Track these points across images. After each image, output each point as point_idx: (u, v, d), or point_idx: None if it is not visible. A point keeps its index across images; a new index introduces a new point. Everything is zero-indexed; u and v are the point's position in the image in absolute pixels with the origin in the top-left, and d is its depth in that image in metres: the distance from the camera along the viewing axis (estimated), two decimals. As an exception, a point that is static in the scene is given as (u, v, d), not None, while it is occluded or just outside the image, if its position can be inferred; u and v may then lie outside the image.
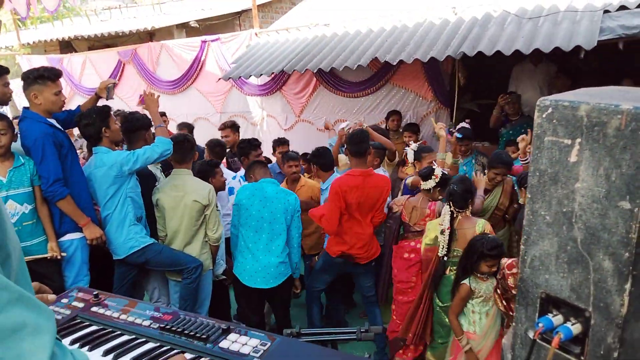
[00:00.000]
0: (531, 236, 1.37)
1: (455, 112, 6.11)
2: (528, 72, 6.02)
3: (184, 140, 3.78)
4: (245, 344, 1.38)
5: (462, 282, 3.19)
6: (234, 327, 1.45)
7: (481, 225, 3.36)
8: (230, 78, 6.69)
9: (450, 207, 3.41)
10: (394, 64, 5.39)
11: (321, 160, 4.39)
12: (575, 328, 1.28)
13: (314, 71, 5.93)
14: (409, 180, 4.47)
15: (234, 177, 4.70)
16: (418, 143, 5.06)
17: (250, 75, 6.40)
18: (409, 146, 5.10)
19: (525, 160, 4.15)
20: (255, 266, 3.72)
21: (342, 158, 5.04)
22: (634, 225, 1.13)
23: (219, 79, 7.03)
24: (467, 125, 5.25)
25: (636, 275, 1.16)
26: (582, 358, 1.28)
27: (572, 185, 1.24)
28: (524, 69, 6.04)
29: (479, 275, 3.16)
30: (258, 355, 1.33)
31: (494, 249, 3.02)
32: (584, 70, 6.32)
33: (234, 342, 1.38)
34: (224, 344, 1.39)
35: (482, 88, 6.61)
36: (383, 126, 5.99)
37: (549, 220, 1.31)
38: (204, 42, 7.76)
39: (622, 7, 4.88)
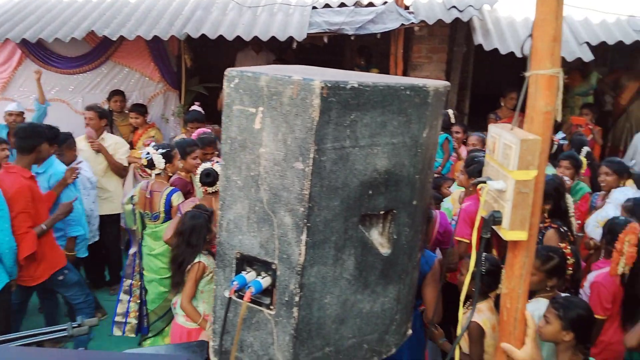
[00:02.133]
0: (226, 201, 1.44)
1: (184, 94, 6.10)
2: (251, 59, 6.37)
3: None
4: None
5: (195, 261, 3.02)
6: None
7: None
8: None
9: None
10: (114, 39, 5.05)
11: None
12: (265, 281, 1.41)
13: (17, 42, 5.14)
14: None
15: None
16: (156, 145, 3.92)
17: None
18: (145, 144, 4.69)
19: None
20: None
21: None
22: (306, 183, 1.30)
23: None
24: (198, 108, 5.31)
25: (310, 226, 1.34)
26: (272, 307, 1.42)
27: (257, 150, 1.35)
28: (247, 56, 6.37)
29: (207, 252, 3.09)
30: None
31: (206, 212, 3.11)
32: (299, 62, 7.01)
33: None
34: None
35: (209, 71, 6.72)
36: (105, 107, 5.57)
37: (240, 184, 1.40)
38: None
39: (327, 5, 5.56)
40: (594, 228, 3.62)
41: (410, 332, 1.87)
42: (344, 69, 6.79)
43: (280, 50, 6.77)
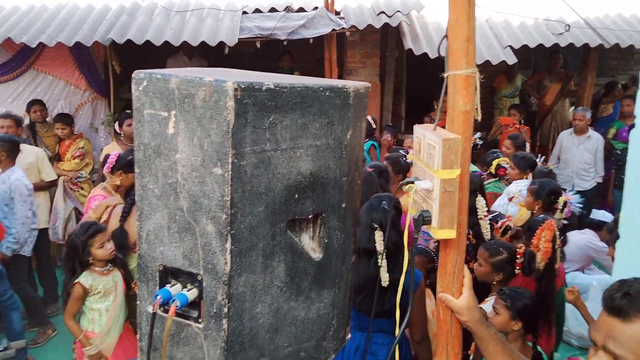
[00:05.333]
0: (144, 211, 1.36)
1: (114, 102, 5.87)
2: (183, 65, 6.20)
3: None
4: None
5: (75, 281, 3.00)
6: None
7: None
8: None
9: None
10: (33, 46, 4.79)
11: None
12: (191, 293, 1.34)
13: None
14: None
15: None
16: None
17: None
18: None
19: None
20: None
21: None
22: (226, 189, 1.24)
23: None
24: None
25: (234, 234, 1.28)
26: (200, 320, 1.35)
27: (173, 157, 1.28)
28: (179, 62, 6.21)
29: (97, 269, 3.05)
30: None
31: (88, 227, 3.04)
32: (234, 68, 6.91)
33: None
34: None
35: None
36: (27, 119, 5.25)
37: (158, 193, 1.33)
38: None
39: (257, 10, 5.52)
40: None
41: (349, 336, 1.85)
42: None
43: (214, 57, 6.66)
